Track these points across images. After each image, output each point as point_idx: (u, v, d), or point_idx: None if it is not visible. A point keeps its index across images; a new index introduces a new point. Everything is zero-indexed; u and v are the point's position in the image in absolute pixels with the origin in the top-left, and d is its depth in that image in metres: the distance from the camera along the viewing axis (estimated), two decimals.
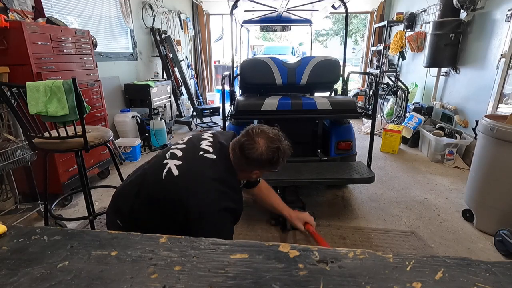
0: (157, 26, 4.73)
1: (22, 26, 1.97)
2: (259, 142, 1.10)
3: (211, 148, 1.16)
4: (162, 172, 1.07)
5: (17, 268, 0.47)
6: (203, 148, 1.16)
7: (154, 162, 1.18)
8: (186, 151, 1.15)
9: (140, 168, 1.24)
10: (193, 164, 1.09)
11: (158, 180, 1.06)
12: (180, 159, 1.11)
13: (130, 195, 1.12)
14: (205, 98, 6.72)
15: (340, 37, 17.24)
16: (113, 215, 1.16)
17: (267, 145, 1.10)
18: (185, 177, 1.05)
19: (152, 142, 3.88)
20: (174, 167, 1.07)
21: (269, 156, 1.10)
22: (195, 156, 1.12)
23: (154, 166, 1.14)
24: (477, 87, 3.34)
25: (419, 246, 1.92)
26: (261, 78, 2.65)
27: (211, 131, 1.33)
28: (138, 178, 1.15)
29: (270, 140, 1.12)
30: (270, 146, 1.10)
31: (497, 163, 1.91)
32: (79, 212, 2.34)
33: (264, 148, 1.10)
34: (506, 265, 0.48)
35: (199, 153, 1.13)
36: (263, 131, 1.13)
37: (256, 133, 1.13)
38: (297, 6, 3.64)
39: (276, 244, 0.53)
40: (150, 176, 1.11)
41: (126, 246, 0.53)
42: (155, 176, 1.08)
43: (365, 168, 2.23)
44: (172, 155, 1.14)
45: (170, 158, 1.12)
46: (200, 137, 1.25)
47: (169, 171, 1.06)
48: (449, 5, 3.47)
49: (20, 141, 1.97)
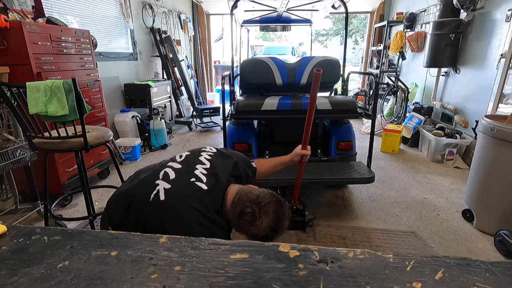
0: (157, 26, 4.73)
1: (22, 26, 1.97)
2: (262, 221, 1.00)
3: (205, 177, 1.09)
4: (151, 193, 1.03)
5: (17, 268, 0.47)
6: (197, 174, 1.09)
7: (148, 177, 1.12)
8: (179, 174, 1.10)
9: (137, 175, 1.20)
10: (180, 192, 1.04)
11: (146, 201, 1.03)
12: (171, 182, 1.06)
13: (122, 206, 1.09)
14: (205, 98, 6.72)
15: (340, 37, 17.24)
16: (107, 220, 1.14)
17: (268, 226, 1.00)
18: (169, 204, 1.00)
19: (152, 142, 3.88)
20: (162, 190, 1.03)
21: (263, 235, 1.00)
22: (186, 182, 1.07)
23: (147, 183, 1.09)
24: (477, 87, 3.34)
25: (419, 246, 1.92)
26: (261, 78, 2.65)
27: (211, 152, 1.24)
28: (132, 190, 1.11)
29: (275, 222, 1.01)
30: (271, 227, 1.00)
31: (497, 163, 1.91)
32: (79, 212, 2.34)
33: (263, 228, 1.00)
34: (506, 265, 0.48)
35: (190, 179, 1.07)
36: (274, 212, 1.02)
37: (264, 211, 1.00)
38: (297, 6, 3.64)
39: (276, 244, 0.53)
40: (141, 195, 1.06)
41: (126, 246, 0.53)
42: (145, 196, 1.04)
43: (365, 168, 2.23)
44: (165, 175, 1.09)
45: (162, 179, 1.08)
46: (198, 159, 1.18)
47: (157, 194, 1.02)
48: (449, 5, 3.48)
49: (20, 141, 1.97)
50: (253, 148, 2.46)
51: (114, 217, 1.11)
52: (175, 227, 0.97)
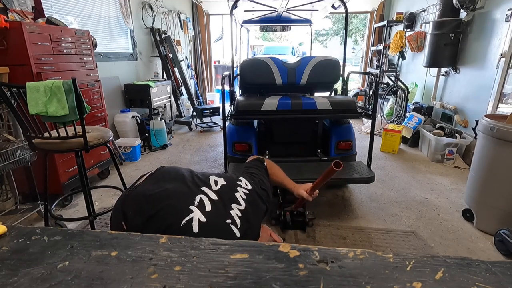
0: (157, 26, 4.73)
1: (22, 26, 1.97)
2: None
3: (239, 220, 1.04)
4: (183, 218, 0.97)
5: (17, 268, 0.47)
6: (232, 216, 1.04)
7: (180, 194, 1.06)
8: (215, 209, 1.04)
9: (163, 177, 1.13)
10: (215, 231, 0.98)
11: (175, 224, 0.97)
12: (206, 215, 0.99)
13: (144, 214, 1.02)
14: (205, 98, 6.72)
15: (340, 37, 17.24)
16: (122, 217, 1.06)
17: None
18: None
19: (152, 142, 3.88)
20: (197, 221, 0.96)
21: None
22: (222, 221, 1.01)
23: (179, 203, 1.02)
24: (477, 87, 3.34)
25: (419, 246, 1.92)
26: (261, 78, 2.65)
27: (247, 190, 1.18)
28: (159, 200, 1.03)
29: None
30: None
31: (497, 163, 1.91)
32: (79, 212, 2.34)
33: None
34: (506, 265, 0.48)
35: (226, 220, 1.02)
36: None
37: None
38: (297, 6, 3.64)
39: (276, 244, 0.53)
40: (170, 213, 1.00)
41: (126, 246, 0.53)
42: (175, 218, 0.98)
43: (365, 168, 2.23)
44: (200, 203, 1.03)
45: (198, 206, 1.02)
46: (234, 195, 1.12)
47: (189, 222, 0.96)
48: (449, 5, 3.47)
49: (20, 142, 1.97)
50: (253, 148, 2.46)
51: (132, 220, 1.05)
52: None
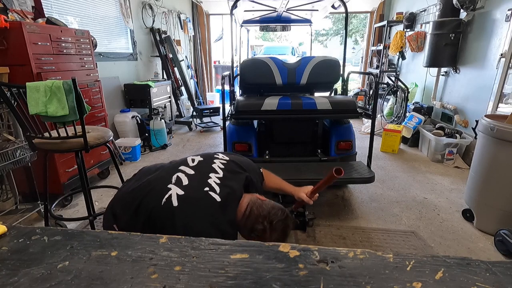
0: (157, 26, 4.73)
1: (22, 26, 1.97)
2: (270, 236, 1.05)
3: (218, 187, 1.09)
4: (163, 197, 1.03)
5: (17, 268, 0.47)
6: (210, 184, 1.09)
7: (159, 179, 1.12)
8: (192, 181, 1.10)
9: (144, 173, 1.18)
10: (194, 200, 1.04)
11: (157, 204, 1.03)
12: (184, 188, 1.06)
13: (130, 206, 1.08)
14: (205, 98, 6.72)
15: (340, 37, 17.24)
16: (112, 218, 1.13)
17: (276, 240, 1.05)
18: (181, 211, 1.01)
19: (152, 142, 3.88)
20: (175, 196, 1.03)
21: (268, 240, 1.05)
22: (199, 190, 1.07)
23: (158, 185, 1.09)
24: (477, 87, 3.34)
25: (419, 246, 1.92)
26: (261, 78, 2.65)
27: (224, 160, 1.24)
28: (141, 190, 1.10)
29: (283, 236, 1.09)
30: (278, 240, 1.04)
31: (497, 163, 1.91)
32: (79, 212, 2.34)
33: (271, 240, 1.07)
34: (506, 265, 0.48)
35: (204, 189, 1.07)
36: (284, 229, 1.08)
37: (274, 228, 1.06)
38: (297, 6, 3.64)
39: (276, 244, 0.53)
40: (151, 197, 1.06)
41: (126, 246, 0.53)
42: (156, 199, 1.04)
43: (365, 168, 2.23)
44: (178, 180, 1.09)
45: (175, 184, 1.07)
46: (211, 166, 1.18)
47: (169, 198, 1.02)
48: (449, 5, 3.47)
49: (20, 141, 1.97)
50: (253, 148, 2.46)
51: (121, 217, 1.10)
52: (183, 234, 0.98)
